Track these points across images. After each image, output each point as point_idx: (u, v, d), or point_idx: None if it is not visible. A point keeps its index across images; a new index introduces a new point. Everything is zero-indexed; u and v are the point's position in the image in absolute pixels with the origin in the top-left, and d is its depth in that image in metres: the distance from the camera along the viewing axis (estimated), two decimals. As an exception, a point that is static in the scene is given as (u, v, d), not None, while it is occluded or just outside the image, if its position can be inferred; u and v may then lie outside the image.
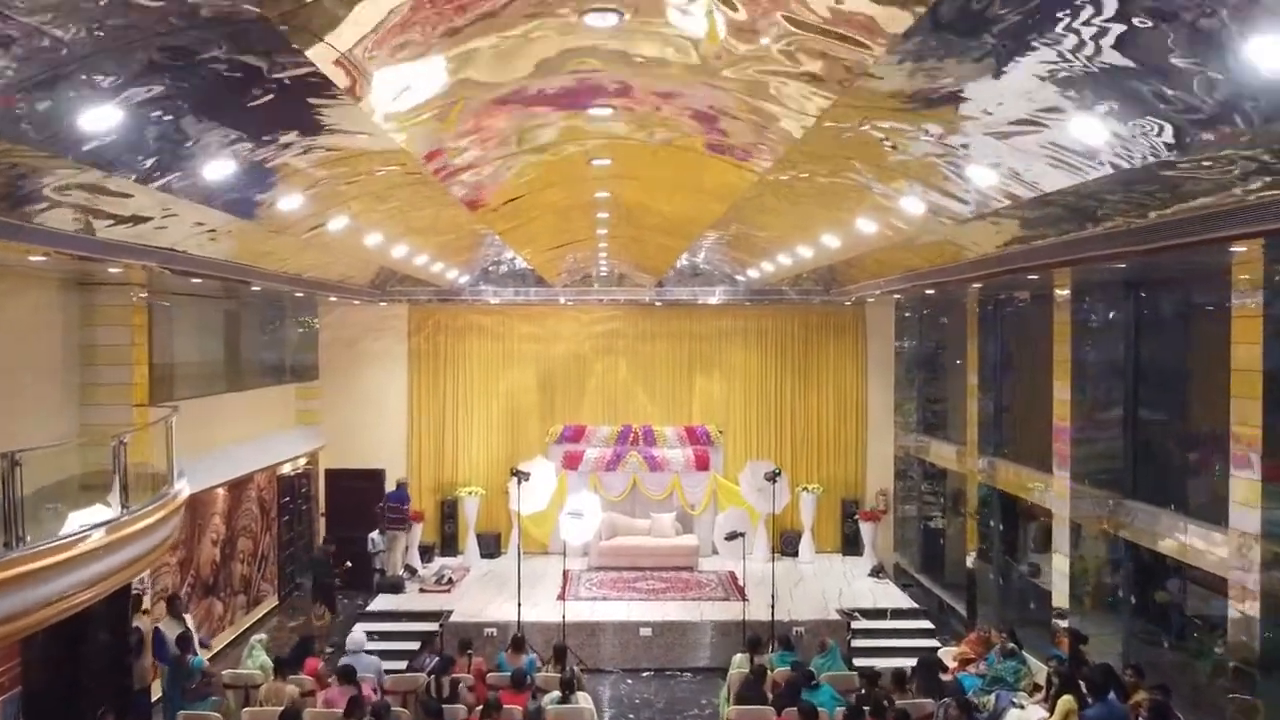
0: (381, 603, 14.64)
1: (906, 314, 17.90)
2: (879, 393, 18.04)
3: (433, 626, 13.60)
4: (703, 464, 17.38)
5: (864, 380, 18.03)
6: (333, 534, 17.45)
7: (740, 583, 15.52)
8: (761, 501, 14.10)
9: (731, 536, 13.02)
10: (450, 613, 13.96)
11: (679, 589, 15.21)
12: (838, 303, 17.43)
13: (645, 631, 13.53)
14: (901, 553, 17.61)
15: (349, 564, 14.56)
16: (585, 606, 14.28)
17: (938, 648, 13.65)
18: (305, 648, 11.05)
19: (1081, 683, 8.72)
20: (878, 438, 18.03)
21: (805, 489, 17.12)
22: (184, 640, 9.94)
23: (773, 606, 13.26)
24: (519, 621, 13.25)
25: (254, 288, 12.82)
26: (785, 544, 17.43)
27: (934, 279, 11.60)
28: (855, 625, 13.82)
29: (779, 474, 13.00)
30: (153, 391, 11.14)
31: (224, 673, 10.48)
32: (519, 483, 13.24)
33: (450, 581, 15.44)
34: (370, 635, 13.44)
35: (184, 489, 9.13)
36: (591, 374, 17.96)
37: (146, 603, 10.88)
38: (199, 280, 10.77)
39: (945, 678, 10.60)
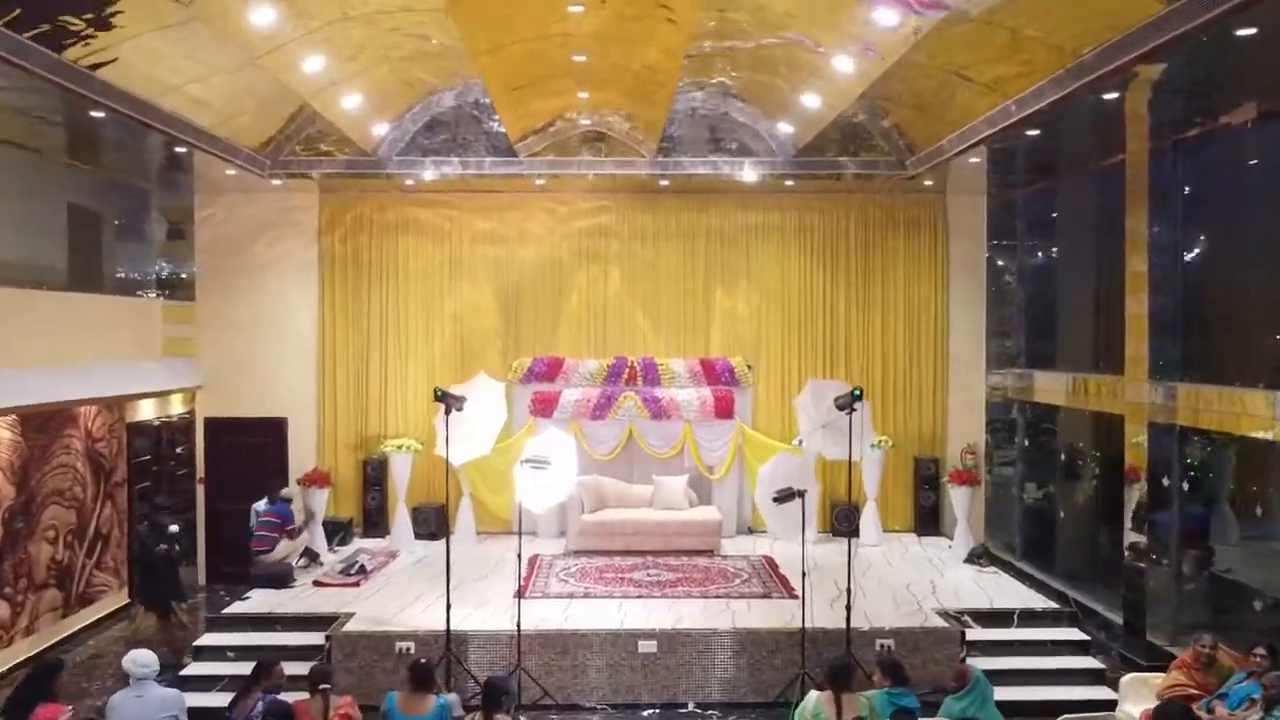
0: (252, 603, 9.80)
1: (1005, 199, 13.04)
2: (965, 313, 13.17)
3: (318, 639, 8.78)
4: (724, 410, 12.55)
5: (945, 296, 13.17)
6: (216, 506, 12.67)
7: (781, 572, 10.72)
8: (831, 443, 9.13)
9: (785, 497, 8.17)
10: (348, 617, 9.14)
11: (695, 582, 10.40)
12: (910, 190, 12.59)
13: (646, 646, 8.72)
14: (993, 533, 12.77)
15: (167, 546, 9.81)
16: (557, 608, 9.46)
17: (1104, 671, 8.87)
18: (41, 681, 6.23)
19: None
20: (963, 375, 13.17)
21: (872, 444, 12.30)
22: None
23: (848, 608, 8.44)
24: (448, 634, 8.42)
25: (93, 115, 8.26)
26: (838, 519, 12.61)
27: (1079, 81, 7.02)
28: (969, 635, 9.00)
29: (860, 397, 8.13)
30: None
31: None
32: (446, 413, 8.40)
33: (363, 571, 10.61)
34: (226, 652, 8.72)
35: None
36: (572, 288, 13.10)
37: None
38: None
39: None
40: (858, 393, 8.14)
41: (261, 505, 10.84)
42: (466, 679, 8.47)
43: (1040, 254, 12.93)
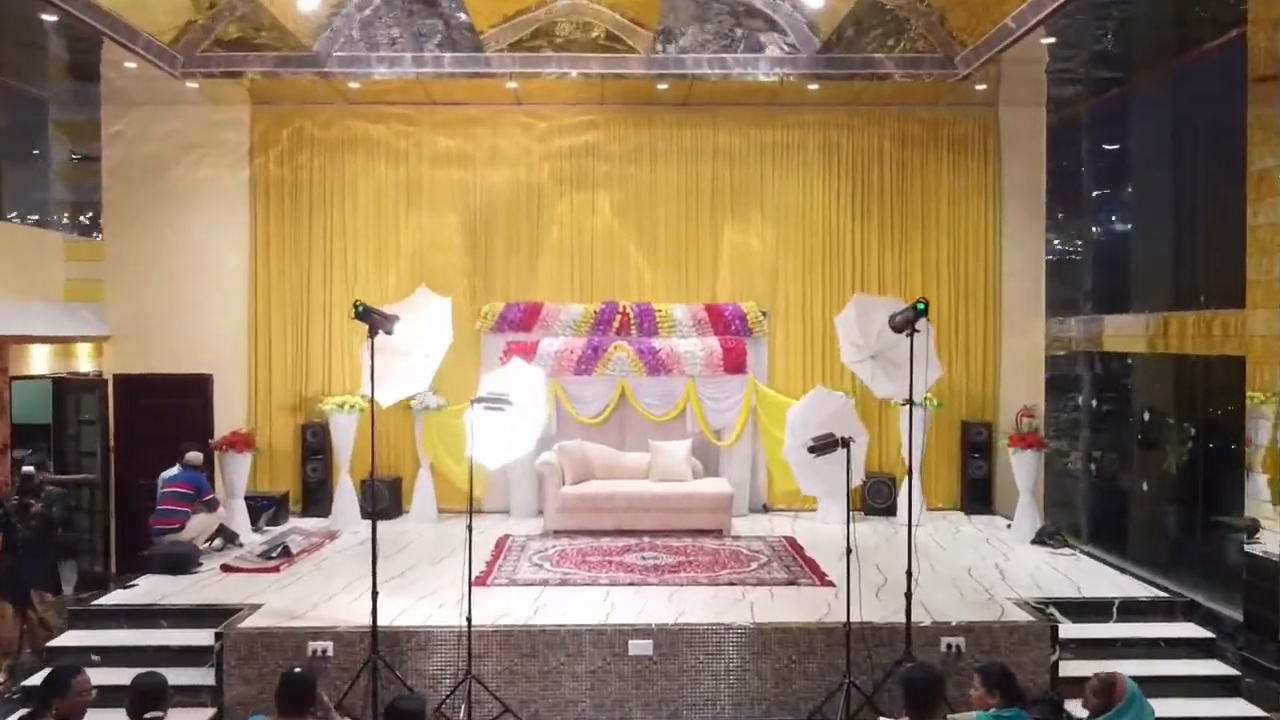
0: (136, 591, 7.68)
1: (1069, 112, 10.93)
2: (1021, 249, 11.06)
3: (208, 638, 6.68)
4: (735, 364, 10.46)
5: (997, 230, 11.07)
6: (131, 473, 10.55)
7: (808, 554, 8.65)
8: (884, 376, 6.90)
9: (825, 445, 6.03)
10: (252, 610, 7.03)
11: (701, 566, 8.30)
12: (957, 101, 10.52)
13: (639, 646, 6.61)
14: (1053, 513, 10.62)
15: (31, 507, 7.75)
16: (525, 599, 7.36)
17: (1239, 679, 6.78)
18: None
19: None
20: (1019, 323, 11.06)
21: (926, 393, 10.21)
22: None
23: (908, 597, 6.33)
24: (373, 631, 6.33)
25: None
26: (870, 493, 10.53)
27: None
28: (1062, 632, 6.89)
29: (924, 312, 5.97)
30: None
31: None
32: (371, 335, 6.29)
33: (286, 554, 8.51)
34: (90, 655, 6.68)
35: None
36: (553, 220, 10.98)
37: None
38: None
39: None
40: (921, 307, 6.01)
41: (174, 473, 8.77)
42: (399, 690, 6.38)
43: (1113, 175, 10.80)
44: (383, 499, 10.24)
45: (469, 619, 6.28)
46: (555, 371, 10.36)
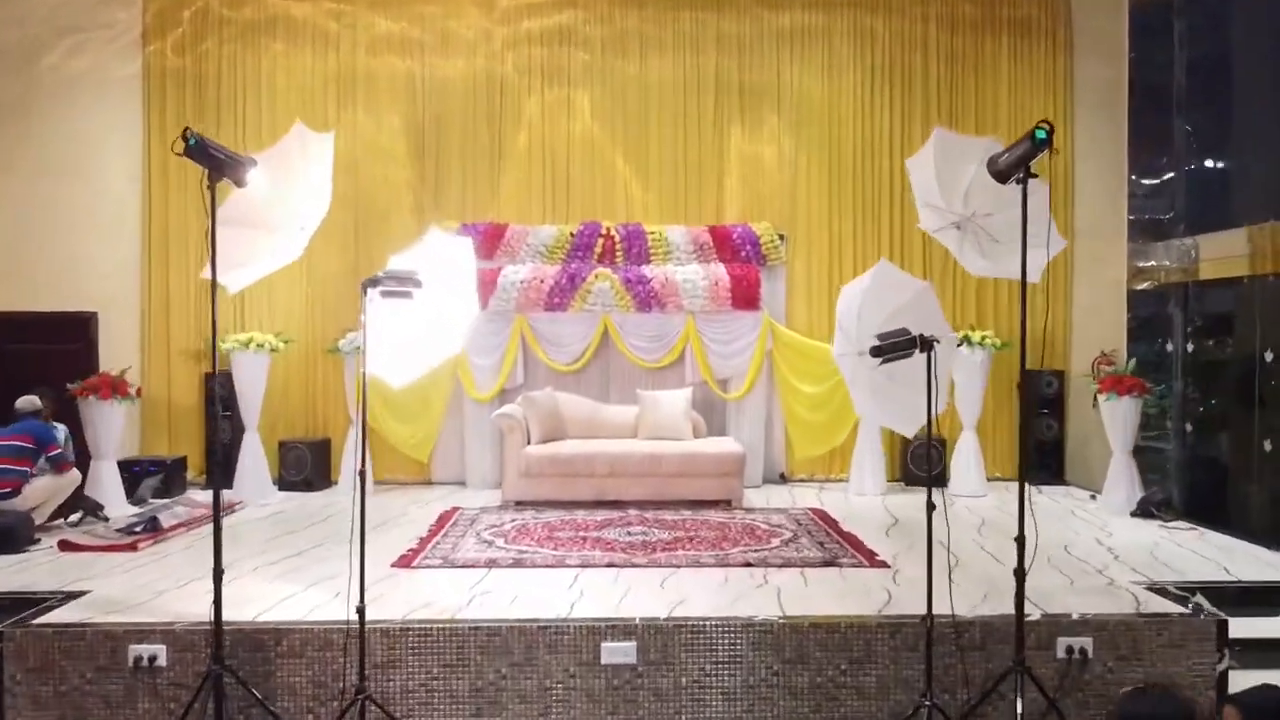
0: (-70, 577, 5.57)
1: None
2: (1097, 158, 8.95)
3: (-11, 640, 4.57)
4: (745, 297, 8.39)
5: (1067, 134, 8.96)
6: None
7: (845, 528, 6.59)
8: (977, 249, 4.70)
9: (896, 344, 3.93)
10: (63, 600, 4.91)
11: (706, 543, 6.18)
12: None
13: (616, 651, 4.49)
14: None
15: None
16: (460, 584, 5.25)
17: None
18: None
19: None
20: (1095, 251, 8.95)
21: (970, 339, 8.16)
22: None
23: (1020, 577, 4.21)
24: (216, 631, 4.23)
25: None
26: (913, 458, 8.46)
27: None
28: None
29: (1046, 142, 3.87)
30: None
31: None
32: (209, 185, 4.15)
33: (153, 530, 6.39)
34: None
35: None
36: (519, 123, 8.87)
37: None
38: None
39: None
40: (1042, 135, 3.89)
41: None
42: (261, 716, 4.30)
43: (1212, 68, 8.70)
44: (309, 465, 8.17)
45: (361, 611, 4.18)
46: (521, 306, 8.29)
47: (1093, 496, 7.91)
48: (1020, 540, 4.18)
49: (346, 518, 7.05)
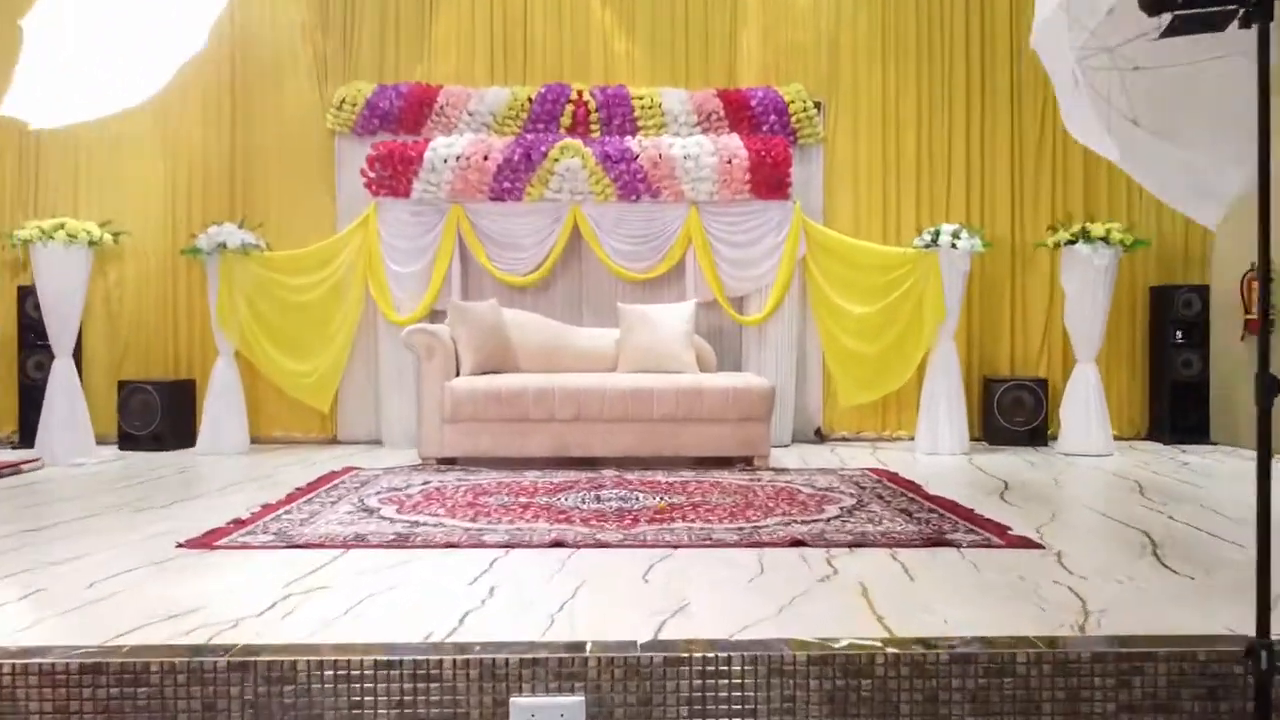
0: None
1: None
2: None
3: None
4: (770, 181, 6.02)
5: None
6: None
7: (932, 491, 4.15)
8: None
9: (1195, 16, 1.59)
10: None
11: (723, 512, 3.81)
12: None
13: (542, 714, 2.11)
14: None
15: None
16: (281, 575, 2.86)
17: None
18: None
19: None
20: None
21: (1089, 233, 5.78)
22: None
23: None
24: None
25: None
26: (1003, 408, 6.08)
27: None
28: None
29: None
30: None
31: None
32: None
33: None
34: None
35: None
36: (460, -48, 6.50)
37: None
38: None
39: None
40: None
41: None
42: None
43: None
44: (151, 415, 5.82)
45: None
46: (458, 193, 5.93)
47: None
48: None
49: (177, 482, 4.73)
